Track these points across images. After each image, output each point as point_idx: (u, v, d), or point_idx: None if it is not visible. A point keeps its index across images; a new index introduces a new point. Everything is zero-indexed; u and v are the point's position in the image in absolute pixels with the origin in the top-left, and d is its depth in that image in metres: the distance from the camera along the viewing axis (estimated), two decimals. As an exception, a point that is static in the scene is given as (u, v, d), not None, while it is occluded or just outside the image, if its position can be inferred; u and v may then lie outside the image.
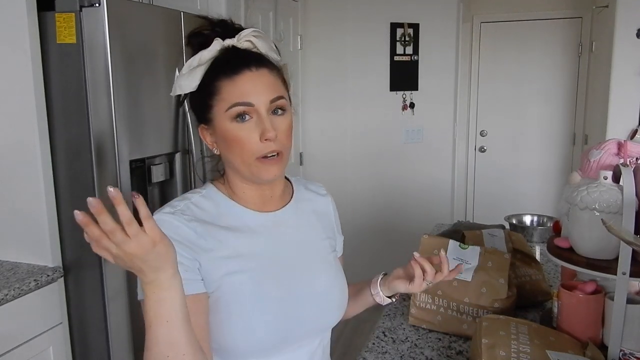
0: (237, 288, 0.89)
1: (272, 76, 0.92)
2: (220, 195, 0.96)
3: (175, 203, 0.92)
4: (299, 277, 0.97)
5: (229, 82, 0.89)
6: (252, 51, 0.94)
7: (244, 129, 0.89)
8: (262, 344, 0.91)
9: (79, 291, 1.88)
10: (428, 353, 1.24)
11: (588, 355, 1.03)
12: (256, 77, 0.90)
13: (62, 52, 1.74)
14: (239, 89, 0.88)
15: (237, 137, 0.89)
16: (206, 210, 0.93)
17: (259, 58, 0.92)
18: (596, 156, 1.27)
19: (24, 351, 1.68)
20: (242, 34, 0.93)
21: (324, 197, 1.13)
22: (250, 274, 0.91)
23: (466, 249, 1.37)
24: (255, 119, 0.89)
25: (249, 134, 0.89)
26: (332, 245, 1.10)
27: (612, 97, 3.26)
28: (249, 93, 0.88)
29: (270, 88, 0.90)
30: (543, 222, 2.26)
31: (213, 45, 0.91)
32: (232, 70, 0.89)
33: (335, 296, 1.03)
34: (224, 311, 0.89)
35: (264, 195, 0.98)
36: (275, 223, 0.99)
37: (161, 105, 1.97)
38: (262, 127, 0.88)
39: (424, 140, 3.88)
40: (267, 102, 0.89)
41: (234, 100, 0.88)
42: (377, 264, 3.86)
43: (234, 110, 0.88)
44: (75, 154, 1.79)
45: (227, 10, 2.59)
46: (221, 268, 0.89)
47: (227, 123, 0.89)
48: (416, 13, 3.71)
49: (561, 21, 4.34)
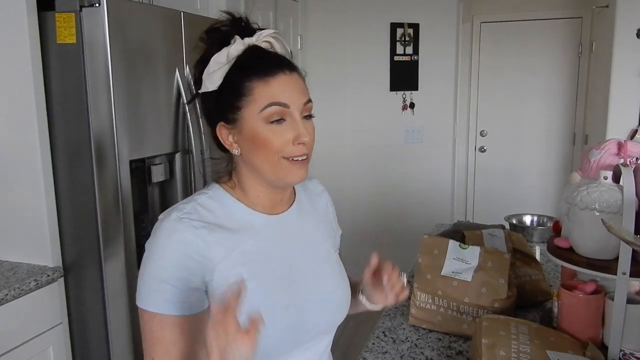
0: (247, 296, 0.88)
1: (302, 80, 0.92)
2: (227, 196, 0.94)
3: (182, 206, 0.90)
4: (306, 280, 0.97)
5: (262, 83, 0.87)
6: (282, 54, 0.93)
7: (277, 132, 0.87)
8: (271, 349, 0.90)
9: (79, 291, 1.87)
10: (428, 353, 1.24)
11: (588, 355, 1.03)
12: (291, 80, 0.89)
13: (62, 52, 1.74)
14: (273, 91, 0.87)
15: (269, 139, 0.87)
16: (213, 211, 0.91)
17: (290, 62, 0.91)
18: (596, 156, 1.27)
19: (24, 351, 1.68)
20: (262, 33, 0.92)
21: (321, 193, 1.13)
22: (259, 280, 0.90)
23: (466, 249, 1.37)
24: (289, 121, 0.88)
25: (282, 137, 0.87)
26: (333, 245, 1.10)
27: (612, 97, 3.26)
28: (284, 95, 0.87)
29: (303, 91, 0.90)
30: (543, 222, 2.26)
31: (237, 44, 0.89)
32: (265, 72, 0.88)
33: (340, 296, 1.03)
34: None
35: (275, 199, 0.97)
36: (281, 226, 0.98)
37: (161, 105, 1.97)
38: (298, 130, 0.88)
39: (424, 140, 3.88)
40: (300, 106, 0.89)
41: (270, 101, 0.87)
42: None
43: (269, 110, 0.86)
44: (75, 154, 1.79)
45: (227, 10, 2.58)
46: (231, 277, 0.87)
47: (260, 124, 0.87)
48: (416, 13, 3.72)
49: (561, 21, 4.34)
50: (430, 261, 1.37)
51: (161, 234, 0.86)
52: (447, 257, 1.36)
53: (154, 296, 0.84)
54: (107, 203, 1.79)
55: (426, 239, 1.41)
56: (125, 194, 1.81)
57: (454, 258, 1.36)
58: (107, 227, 1.80)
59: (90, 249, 1.82)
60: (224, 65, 0.89)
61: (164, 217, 0.88)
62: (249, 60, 0.89)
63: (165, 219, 0.87)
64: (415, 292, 1.36)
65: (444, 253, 1.37)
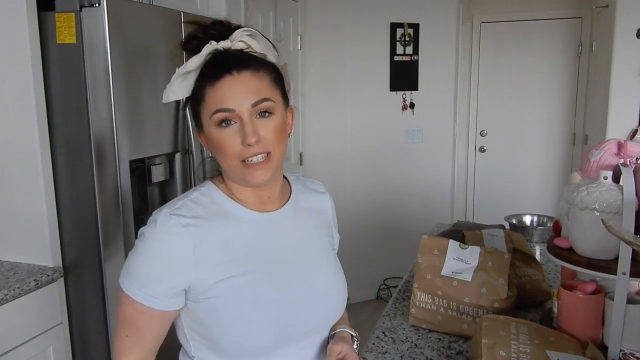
0: (235, 291, 0.90)
1: (255, 79, 0.90)
2: (219, 192, 0.97)
3: (173, 202, 0.93)
4: (298, 277, 0.97)
5: (211, 88, 0.89)
6: (235, 54, 0.92)
7: (226, 134, 0.89)
8: (261, 345, 0.91)
9: (79, 291, 1.87)
10: (428, 353, 1.24)
11: (588, 355, 1.03)
12: (237, 82, 0.89)
13: (62, 52, 1.74)
14: (219, 95, 0.89)
15: (221, 142, 0.90)
16: (205, 206, 0.93)
17: (241, 61, 0.90)
18: (596, 156, 1.27)
19: (24, 351, 1.68)
20: (234, 35, 0.92)
21: (323, 195, 1.12)
22: (248, 276, 0.91)
23: (466, 249, 1.37)
24: (238, 123, 0.89)
25: (232, 139, 0.89)
26: (331, 243, 1.10)
27: (612, 97, 3.26)
28: (228, 99, 0.88)
29: (251, 92, 0.89)
30: (543, 222, 2.26)
31: (203, 50, 0.91)
32: (213, 76, 0.90)
33: (335, 295, 1.03)
34: (223, 313, 0.89)
35: (262, 196, 0.98)
36: (274, 223, 0.98)
37: (161, 105, 1.97)
38: (243, 132, 0.88)
39: (424, 140, 3.88)
40: (249, 107, 0.88)
41: (215, 107, 0.89)
42: (378, 264, 3.87)
43: (216, 116, 0.89)
44: (75, 154, 1.79)
45: (227, 10, 2.59)
46: (218, 273, 0.90)
47: (212, 129, 0.90)
48: (416, 13, 3.71)
49: (561, 21, 4.34)
50: (430, 261, 1.37)
51: (150, 228, 0.89)
52: (447, 257, 1.36)
53: (134, 285, 0.89)
54: (107, 203, 1.79)
55: (426, 239, 1.41)
56: (125, 194, 1.81)
57: (454, 258, 1.35)
58: (107, 227, 1.80)
59: (90, 249, 1.82)
60: (190, 73, 0.93)
61: (157, 211, 0.91)
62: (206, 66, 0.92)
63: (157, 213, 0.90)
64: (415, 292, 1.36)
65: (444, 253, 1.37)
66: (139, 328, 0.91)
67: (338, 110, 3.77)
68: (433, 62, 3.77)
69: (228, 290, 0.89)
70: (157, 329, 0.92)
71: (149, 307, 0.88)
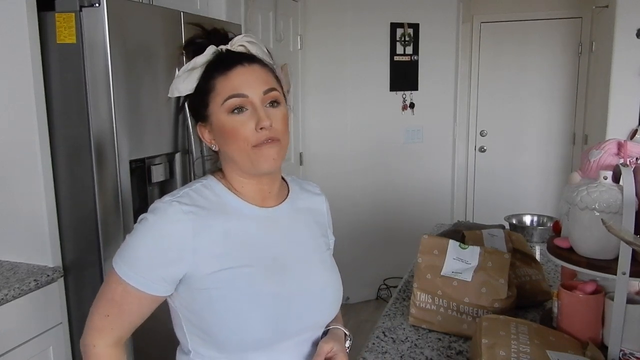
0: (232, 283, 0.91)
1: (263, 71, 0.95)
2: (220, 186, 0.98)
3: (175, 191, 0.95)
4: (294, 274, 0.98)
5: (222, 78, 0.93)
6: (240, 52, 0.97)
7: (239, 120, 0.92)
8: (257, 339, 0.92)
9: (79, 291, 1.88)
10: (428, 353, 1.24)
11: (588, 355, 1.03)
12: (248, 71, 0.94)
13: (62, 52, 1.74)
14: (232, 83, 0.92)
15: (234, 128, 0.92)
16: (206, 197, 0.95)
17: (250, 56, 0.96)
18: (596, 156, 1.27)
19: (24, 351, 1.68)
20: (235, 40, 0.97)
21: (319, 197, 1.14)
22: (246, 269, 0.93)
23: (466, 249, 1.37)
24: (251, 110, 0.92)
25: (245, 125, 0.92)
26: (326, 243, 1.11)
27: (612, 97, 3.26)
28: (242, 86, 0.92)
29: (262, 81, 0.94)
30: (543, 222, 2.26)
31: (207, 50, 0.95)
32: (225, 67, 0.94)
33: (331, 293, 1.04)
34: (221, 305, 0.90)
35: (263, 190, 1.00)
36: (273, 219, 1.00)
37: (161, 105, 1.97)
38: (257, 116, 0.91)
39: (424, 140, 3.88)
40: (260, 94, 0.93)
41: (228, 93, 0.92)
42: (378, 264, 3.87)
43: (229, 102, 0.92)
44: (75, 154, 1.79)
45: (227, 10, 2.59)
46: (216, 264, 0.91)
47: (224, 116, 0.93)
48: (416, 13, 3.71)
49: (561, 21, 4.34)
50: (430, 261, 1.37)
51: (151, 214, 0.90)
52: (447, 257, 1.36)
53: (129, 267, 0.89)
54: (107, 203, 1.79)
55: (426, 239, 1.41)
56: (125, 194, 1.81)
57: (454, 258, 1.35)
58: (107, 227, 1.80)
59: (90, 249, 1.82)
60: (193, 70, 0.96)
61: (159, 200, 0.93)
62: (213, 62, 0.95)
63: (159, 201, 0.92)
64: (415, 292, 1.36)
65: (444, 253, 1.37)
66: (122, 310, 0.92)
67: (338, 110, 3.77)
68: (433, 62, 3.77)
69: (225, 281, 0.91)
70: (142, 312, 0.93)
71: (140, 290, 0.90)
